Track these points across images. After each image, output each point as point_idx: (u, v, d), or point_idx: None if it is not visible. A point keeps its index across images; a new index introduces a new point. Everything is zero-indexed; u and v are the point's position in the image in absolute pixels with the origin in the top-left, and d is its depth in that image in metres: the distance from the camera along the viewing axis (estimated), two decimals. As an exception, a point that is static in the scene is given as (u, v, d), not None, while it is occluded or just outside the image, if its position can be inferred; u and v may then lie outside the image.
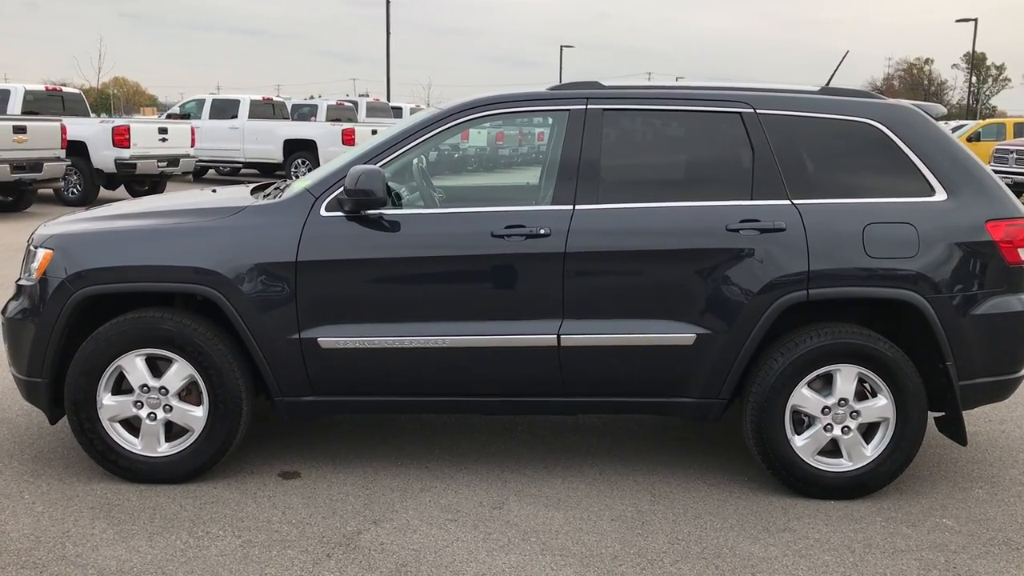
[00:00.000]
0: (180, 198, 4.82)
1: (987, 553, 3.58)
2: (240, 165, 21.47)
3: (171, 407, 4.02)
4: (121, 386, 4.05)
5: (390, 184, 4.09)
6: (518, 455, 4.53)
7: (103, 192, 16.45)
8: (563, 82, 4.34)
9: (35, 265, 4.09)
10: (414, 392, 4.10)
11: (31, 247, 4.21)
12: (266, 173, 21.23)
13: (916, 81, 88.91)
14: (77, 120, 15.83)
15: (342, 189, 3.94)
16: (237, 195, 4.59)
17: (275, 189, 4.57)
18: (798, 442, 3.98)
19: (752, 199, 3.99)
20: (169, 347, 3.96)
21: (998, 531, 3.77)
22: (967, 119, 40.05)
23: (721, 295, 3.92)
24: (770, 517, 3.86)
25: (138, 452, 4.04)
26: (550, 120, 4.67)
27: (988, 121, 26.68)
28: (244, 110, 21.10)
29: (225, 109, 21.31)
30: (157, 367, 4.02)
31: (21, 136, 13.54)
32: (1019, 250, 4.01)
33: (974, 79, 74.14)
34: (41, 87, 17.00)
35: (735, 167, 4.08)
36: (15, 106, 16.05)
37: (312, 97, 27.82)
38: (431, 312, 3.96)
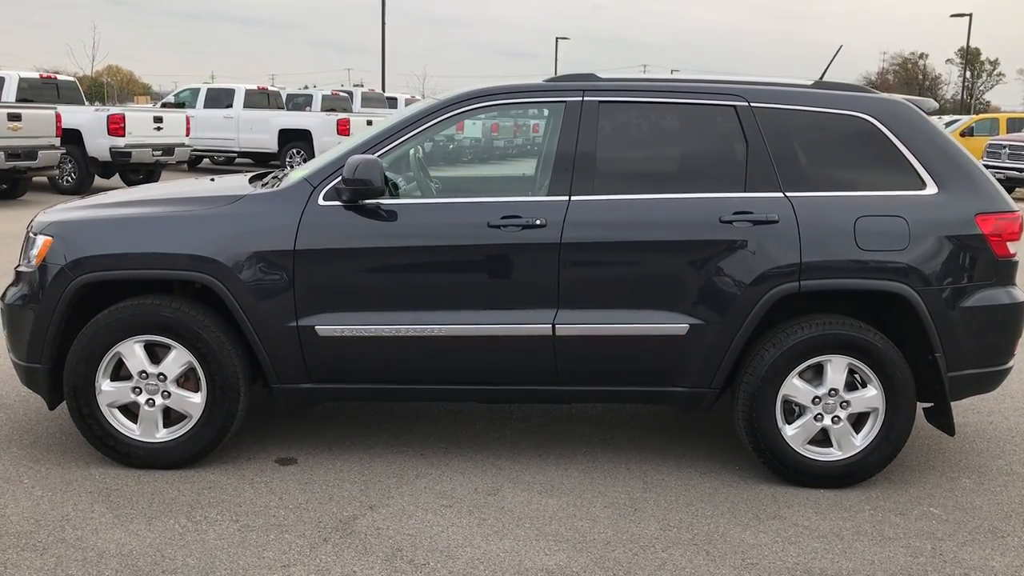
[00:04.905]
0: (179, 186, 4.85)
1: (973, 541, 3.64)
2: (235, 154, 21.44)
3: (169, 393, 4.06)
4: (120, 372, 4.08)
5: (388, 174, 4.12)
6: (513, 443, 4.58)
7: (98, 180, 16.45)
8: (559, 74, 4.38)
9: (34, 252, 4.12)
10: (410, 380, 4.14)
11: (30, 234, 4.23)
12: (261, 163, 21.22)
13: (910, 76, 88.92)
14: (72, 108, 15.78)
15: (340, 178, 3.98)
16: (235, 184, 4.62)
17: (273, 178, 4.59)
18: (789, 431, 4.04)
19: (745, 191, 4.03)
20: (167, 334, 3.99)
21: (984, 520, 3.84)
22: (961, 114, 40.12)
23: (714, 286, 3.97)
24: (760, 505, 3.92)
25: (136, 438, 4.08)
26: (546, 112, 4.71)
27: (981, 116, 26.76)
28: (239, 99, 21.07)
29: (220, 98, 21.26)
30: (155, 354, 4.05)
31: (16, 124, 13.51)
32: (1008, 243, 4.07)
33: (968, 74, 74.18)
34: (36, 75, 16.93)
35: (729, 159, 4.12)
36: (10, 93, 15.98)
37: (307, 87, 27.75)
38: (427, 301, 4.00)
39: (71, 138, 15.25)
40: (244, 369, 4.07)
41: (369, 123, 18.29)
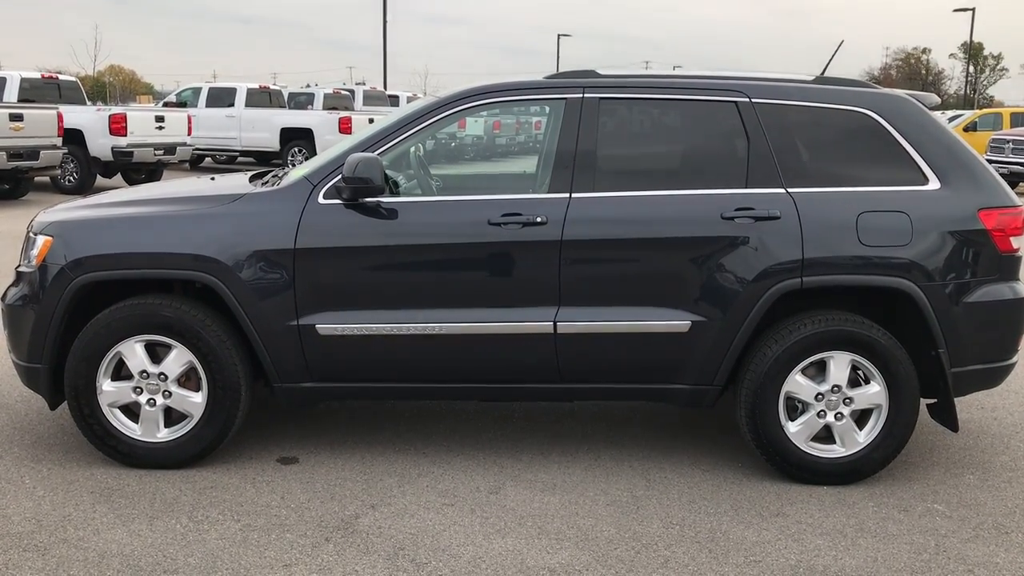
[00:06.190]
0: (178, 186, 4.84)
1: (977, 537, 3.63)
2: (237, 153, 21.44)
3: (170, 393, 4.05)
4: (120, 372, 4.07)
5: (388, 172, 4.11)
6: (514, 441, 4.57)
7: (100, 180, 16.45)
8: (560, 71, 4.36)
9: (35, 252, 4.11)
10: (411, 379, 4.13)
11: (31, 234, 4.23)
12: (263, 161, 21.22)
13: (913, 71, 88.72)
14: (74, 108, 15.79)
15: (340, 177, 3.97)
16: (235, 183, 4.61)
17: (273, 177, 4.58)
18: (792, 428, 4.02)
19: (747, 187, 4.02)
20: (168, 333, 3.99)
21: (988, 516, 3.82)
22: (964, 109, 40.03)
23: (716, 283, 3.95)
24: (763, 502, 3.90)
25: (138, 438, 4.07)
26: (547, 109, 4.69)
27: (985, 111, 26.70)
28: (241, 98, 21.06)
29: (222, 97, 21.26)
30: (156, 353, 4.05)
31: (18, 124, 13.51)
32: (1011, 238, 4.05)
33: (971, 69, 73.98)
34: (37, 75, 16.93)
35: (730, 155, 4.11)
36: (11, 94, 16.00)
37: (309, 85, 27.76)
38: (428, 299, 3.99)
39: (73, 138, 15.25)
40: (245, 368, 4.07)
41: (371, 121, 18.27)
